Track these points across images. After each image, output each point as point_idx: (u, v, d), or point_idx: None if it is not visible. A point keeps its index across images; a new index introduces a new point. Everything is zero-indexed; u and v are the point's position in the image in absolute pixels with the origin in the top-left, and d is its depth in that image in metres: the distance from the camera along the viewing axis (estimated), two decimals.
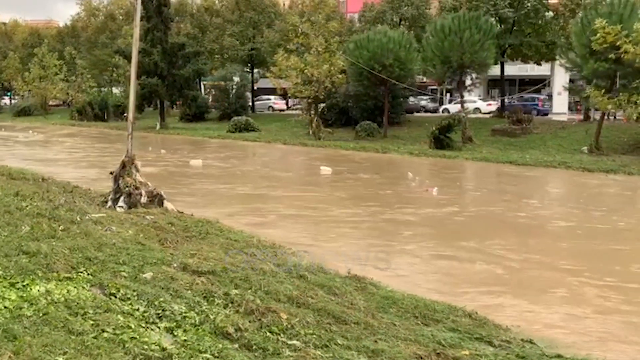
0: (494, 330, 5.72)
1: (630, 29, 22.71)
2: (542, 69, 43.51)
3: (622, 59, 22.68)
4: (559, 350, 5.50)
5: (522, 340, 5.56)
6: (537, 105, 40.48)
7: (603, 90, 24.31)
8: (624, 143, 27.25)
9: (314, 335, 4.82)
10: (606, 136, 27.26)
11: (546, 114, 38.56)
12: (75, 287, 5.10)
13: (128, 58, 38.16)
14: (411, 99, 42.78)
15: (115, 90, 60.46)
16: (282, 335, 4.75)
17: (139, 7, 11.10)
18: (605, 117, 27.04)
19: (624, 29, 22.63)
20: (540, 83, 44.33)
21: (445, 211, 13.93)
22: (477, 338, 5.41)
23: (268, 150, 30.83)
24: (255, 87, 52.54)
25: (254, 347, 4.43)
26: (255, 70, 52.39)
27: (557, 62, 34.10)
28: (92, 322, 4.35)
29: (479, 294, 7.65)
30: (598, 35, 22.52)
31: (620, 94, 24.18)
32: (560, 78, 38.96)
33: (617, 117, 32.25)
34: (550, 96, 45.30)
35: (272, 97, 52.80)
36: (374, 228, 12.14)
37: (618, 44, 22.13)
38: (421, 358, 4.59)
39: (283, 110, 51.45)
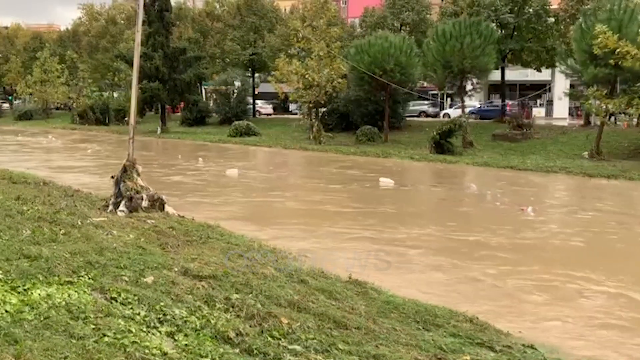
0: (495, 336, 5.70)
1: (630, 34, 22.72)
2: (543, 74, 43.60)
3: (621, 64, 22.69)
4: (560, 356, 5.49)
5: (523, 345, 5.54)
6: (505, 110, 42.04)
7: (604, 93, 24.37)
8: (625, 148, 27.26)
9: (315, 340, 4.81)
10: (607, 141, 27.26)
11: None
12: (76, 291, 5.10)
13: (129, 62, 38.32)
14: None
15: (116, 94, 60.62)
16: (283, 340, 4.74)
17: (141, 12, 11.13)
18: (606, 122, 27.01)
19: (623, 34, 22.64)
20: (541, 88, 44.39)
21: (546, 235, 11.98)
22: (478, 343, 5.40)
23: (299, 159, 29.11)
24: (256, 92, 52.63)
25: (255, 351, 4.42)
26: (257, 75, 52.49)
27: (558, 68, 34.17)
28: (93, 326, 4.34)
29: None
30: (600, 39, 22.53)
31: (621, 98, 24.21)
32: (561, 83, 39.03)
33: (617, 122, 32.26)
34: (550, 101, 45.35)
35: (258, 101, 52.90)
36: (450, 250, 10.16)
37: (618, 50, 22.10)
38: None
39: (270, 115, 51.97)
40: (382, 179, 19.56)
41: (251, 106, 49.32)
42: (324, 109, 37.29)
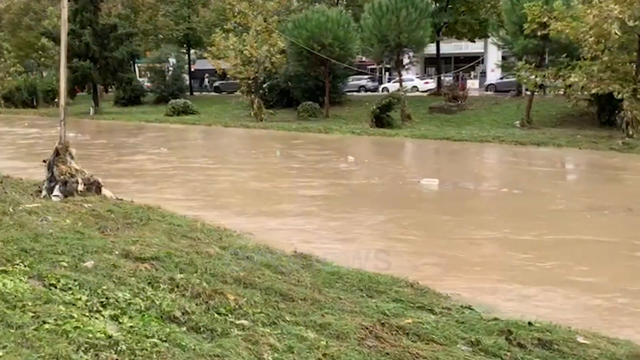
0: (434, 299, 5.95)
1: (558, 8, 23.63)
2: (476, 47, 44.75)
3: (549, 35, 23.63)
4: (496, 314, 5.81)
5: (461, 306, 5.81)
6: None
7: (533, 64, 25.36)
8: (553, 117, 28.64)
9: (262, 314, 4.87)
10: (537, 110, 28.51)
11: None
12: (11, 279, 4.93)
13: (56, 40, 36.39)
14: None
15: (44, 74, 57.51)
16: (230, 315, 4.78)
17: None
18: (536, 92, 28.16)
19: (552, 8, 23.49)
20: (475, 60, 45.64)
21: None
22: (419, 307, 5.62)
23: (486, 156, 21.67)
24: (192, 69, 51.34)
25: (202, 329, 4.45)
26: (192, 51, 51.16)
27: (490, 39, 35.17)
28: (32, 314, 4.23)
29: None
30: (529, 19, 23.28)
31: (549, 69, 25.28)
32: (493, 55, 40.23)
33: (546, 92, 33.70)
34: (484, 73, 46.75)
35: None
36: None
37: (544, 20, 22.97)
38: (366, 329, 4.73)
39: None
40: None
41: (188, 84, 48.10)
42: (264, 85, 36.91)
